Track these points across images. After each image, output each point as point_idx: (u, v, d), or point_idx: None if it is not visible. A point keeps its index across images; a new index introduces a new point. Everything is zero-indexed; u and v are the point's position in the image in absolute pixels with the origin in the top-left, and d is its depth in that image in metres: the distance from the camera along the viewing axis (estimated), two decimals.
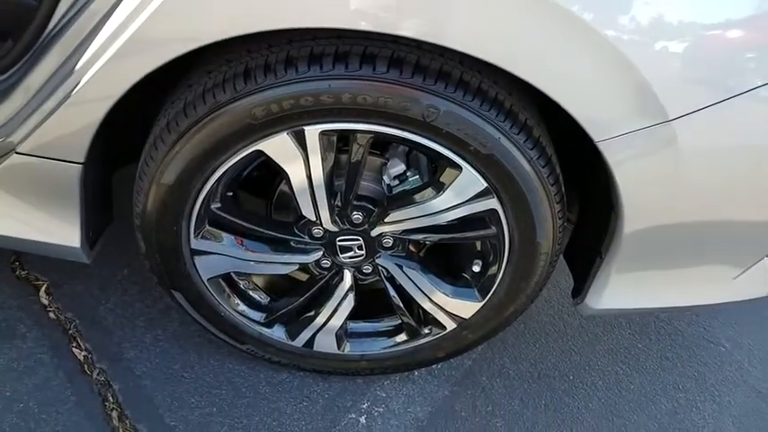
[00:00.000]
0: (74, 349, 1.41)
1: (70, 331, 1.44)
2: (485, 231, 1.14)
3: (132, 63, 0.95)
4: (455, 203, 1.10)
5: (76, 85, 0.98)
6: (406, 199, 1.15)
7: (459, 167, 1.05)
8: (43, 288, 1.51)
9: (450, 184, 1.07)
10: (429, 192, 1.12)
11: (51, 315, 1.46)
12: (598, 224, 1.17)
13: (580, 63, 0.92)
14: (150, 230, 1.16)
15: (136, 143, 1.15)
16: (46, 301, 1.49)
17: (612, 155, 0.99)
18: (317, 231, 1.18)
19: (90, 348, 1.42)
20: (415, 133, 1.01)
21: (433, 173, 1.15)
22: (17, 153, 1.07)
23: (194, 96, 1.00)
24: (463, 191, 1.08)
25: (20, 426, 1.27)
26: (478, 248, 1.22)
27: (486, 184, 1.06)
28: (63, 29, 0.99)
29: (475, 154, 1.02)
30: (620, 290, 1.20)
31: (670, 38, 0.91)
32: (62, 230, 1.17)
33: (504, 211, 1.09)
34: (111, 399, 1.34)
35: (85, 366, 1.39)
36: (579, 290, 1.27)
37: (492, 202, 1.08)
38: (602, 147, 0.98)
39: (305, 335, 1.33)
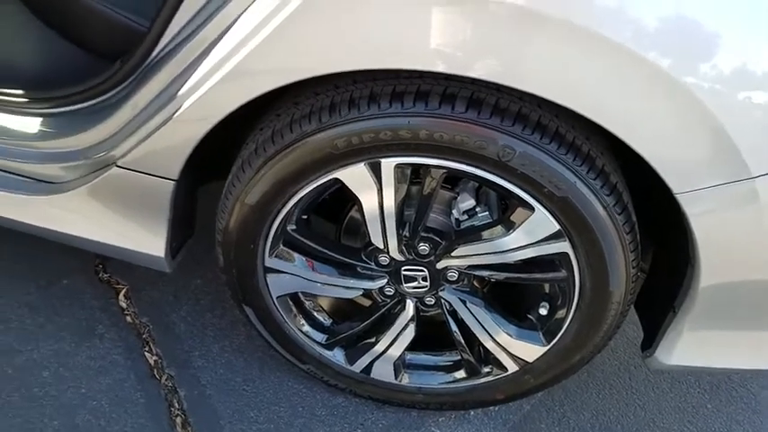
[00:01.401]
0: (146, 353, 1.48)
1: (144, 336, 1.52)
2: (554, 274, 1.13)
3: (235, 89, 1.01)
4: (525, 243, 1.10)
5: (180, 107, 1.05)
6: (474, 234, 1.16)
7: (531, 208, 1.05)
8: (122, 292, 1.59)
9: (521, 223, 1.08)
10: (498, 229, 1.12)
11: (128, 319, 1.55)
12: (673, 276, 1.14)
13: (660, 112, 0.91)
14: (230, 247, 1.21)
15: (219, 162, 1.22)
16: (124, 305, 1.57)
17: (691, 207, 0.97)
18: (383, 259, 1.21)
19: (161, 354, 1.49)
20: (489, 171, 1.03)
21: (504, 211, 1.16)
22: (117, 166, 1.16)
23: (282, 125, 1.06)
24: (534, 231, 1.08)
25: (91, 422, 1.35)
26: (546, 290, 1.21)
27: (558, 227, 1.06)
28: (171, 53, 1.07)
29: (549, 196, 1.02)
30: (692, 346, 1.16)
31: (753, 88, 0.89)
32: (148, 241, 1.25)
33: (576, 256, 1.08)
34: (176, 405, 1.40)
35: (155, 371, 1.45)
36: (649, 342, 1.23)
37: (564, 246, 1.08)
38: (681, 199, 0.96)
39: (363, 361, 1.35)
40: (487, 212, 1.17)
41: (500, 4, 0.88)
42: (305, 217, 1.22)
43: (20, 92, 1.21)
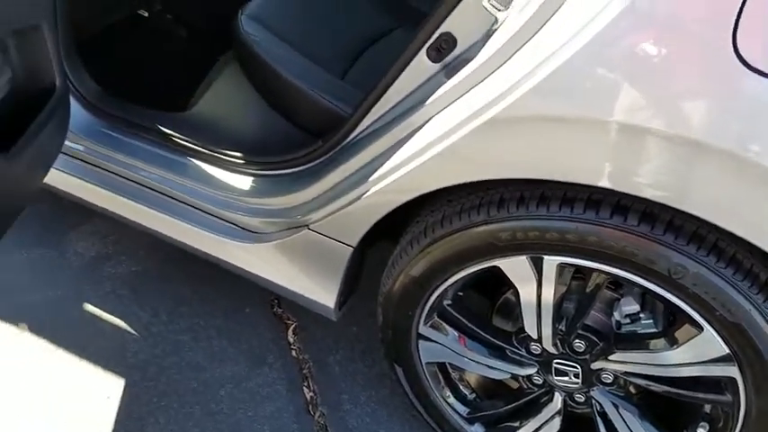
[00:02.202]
0: (304, 388, 1.63)
1: (304, 371, 1.66)
2: (718, 396, 1.07)
3: (434, 174, 1.10)
4: (689, 361, 1.06)
5: (377, 185, 1.16)
6: (634, 342, 1.13)
7: (699, 327, 1.01)
8: (291, 328, 1.76)
9: (687, 341, 1.04)
10: (661, 341, 1.09)
11: (293, 353, 1.71)
12: None
13: None
14: (390, 309, 1.32)
15: (386, 230, 1.33)
16: (291, 340, 1.73)
17: None
18: (534, 348, 1.22)
19: (317, 391, 1.62)
20: (658, 285, 1.01)
21: (669, 323, 1.12)
22: (309, 229, 1.32)
23: (452, 212, 1.14)
24: (701, 352, 1.04)
25: None
26: (707, 410, 1.14)
27: (727, 351, 1.01)
28: (370, 136, 1.18)
29: (720, 320, 0.98)
30: None
31: None
32: (321, 293, 1.40)
33: (744, 383, 1.02)
34: None
35: (310, 407, 1.59)
36: None
37: (732, 370, 1.02)
38: None
39: None
40: (652, 321, 1.14)
41: (667, 135, 0.88)
42: (461, 293, 1.29)
43: (239, 154, 1.43)
